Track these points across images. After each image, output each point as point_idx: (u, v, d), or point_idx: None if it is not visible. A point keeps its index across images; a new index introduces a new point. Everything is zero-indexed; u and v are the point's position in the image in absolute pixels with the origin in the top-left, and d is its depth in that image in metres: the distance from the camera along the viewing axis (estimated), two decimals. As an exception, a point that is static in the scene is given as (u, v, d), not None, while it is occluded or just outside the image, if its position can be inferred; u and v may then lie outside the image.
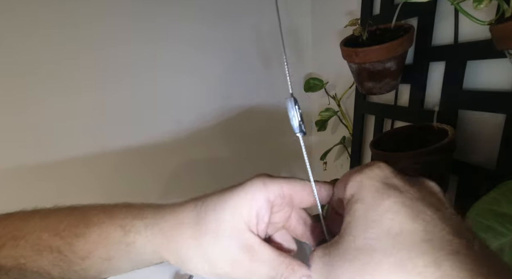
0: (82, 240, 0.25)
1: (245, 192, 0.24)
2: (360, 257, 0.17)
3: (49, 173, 0.70)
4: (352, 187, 0.21)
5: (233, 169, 0.87)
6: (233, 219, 0.23)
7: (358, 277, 0.17)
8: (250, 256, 0.23)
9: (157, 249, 0.25)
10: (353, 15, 0.67)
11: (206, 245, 0.23)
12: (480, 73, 0.44)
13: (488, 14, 0.39)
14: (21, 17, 0.62)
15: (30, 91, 0.65)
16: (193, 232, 0.24)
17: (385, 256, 0.16)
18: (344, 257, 0.18)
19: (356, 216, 0.19)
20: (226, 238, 0.23)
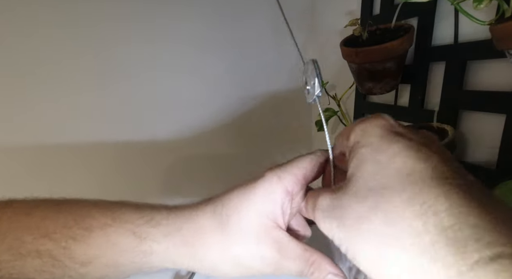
0: (82, 244, 0.23)
1: (265, 189, 0.23)
2: (371, 196, 0.17)
3: (49, 171, 0.70)
4: (356, 134, 0.21)
5: (234, 167, 0.87)
6: (259, 219, 0.23)
7: (370, 215, 0.17)
8: (280, 254, 0.23)
9: (179, 259, 0.23)
10: (353, 15, 0.67)
11: (235, 248, 0.22)
12: (480, 73, 0.44)
13: (488, 14, 0.39)
14: (21, 17, 0.62)
15: (30, 90, 0.65)
16: (219, 237, 0.23)
17: (397, 193, 0.16)
18: (354, 198, 0.18)
19: (363, 159, 0.19)
20: (255, 239, 0.22)
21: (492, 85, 0.43)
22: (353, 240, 0.18)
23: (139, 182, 0.78)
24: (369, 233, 0.17)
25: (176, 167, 0.82)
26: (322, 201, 0.20)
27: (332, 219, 0.19)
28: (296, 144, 0.96)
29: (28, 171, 0.68)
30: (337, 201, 0.19)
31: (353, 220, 0.18)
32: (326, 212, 0.20)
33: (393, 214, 0.16)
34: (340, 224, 0.18)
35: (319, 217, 0.20)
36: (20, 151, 0.67)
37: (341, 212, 0.19)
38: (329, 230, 0.19)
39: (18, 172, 0.68)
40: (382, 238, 0.16)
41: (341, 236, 0.18)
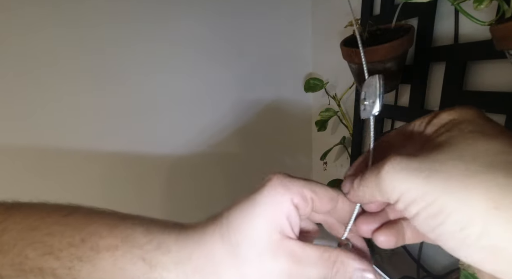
0: (88, 266, 0.21)
1: (269, 199, 0.22)
2: (484, 156, 0.16)
3: (49, 173, 0.70)
4: (452, 113, 0.20)
5: (234, 167, 0.87)
6: (268, 234, 0.21)
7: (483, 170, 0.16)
8: (298, 264, 0.21)
9: None
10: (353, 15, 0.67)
11: (249, 270, 0.21)
12: (481, 73, 0.44)
13: (489, 14, 0.39)
14: (21, 17, 0.62)
15: (30, 91, 0.65)
16: (230, 261, 0.21)
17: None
18: (457, 155, 0.17)
19: (466, 131, 0.18)
20: (268, 256, 0.21)
21: (492, 86, 0.43)
22: (447, 191, 0.16)
23: (140, 182, 0.78)
24: (487, 183, 0.15)
25: (178, 169, 0.82)
26: (397, 160, 0.18)
27: (414, 171, 0.17)
28: (296, 144, 0.96)
29: (28, 173, 0.68)
30: (424, 157, 0.18)
31: (454, 173, 0.16)
32: (408, 166, 0.18)
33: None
34: (429, 176, 0.17)
35: (390, 174, 0.18)
36: (20, 153, 0.67)
37: (433, 166, 0.17)
38: (404, 184, 0.17)
39: (18, 174, 0.68)
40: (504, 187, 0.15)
41: (428, 189, 0.17)
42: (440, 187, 0.16)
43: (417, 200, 0.17)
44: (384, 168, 0.19)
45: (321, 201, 0.23)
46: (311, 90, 0.77)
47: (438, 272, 0.54)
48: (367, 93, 0.23)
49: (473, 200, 0.15)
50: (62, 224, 0.23)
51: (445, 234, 0.17)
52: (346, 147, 0.78)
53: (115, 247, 0.22)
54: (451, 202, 0.16)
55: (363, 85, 0.24)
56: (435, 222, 0.17)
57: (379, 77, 0.23)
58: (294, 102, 0.91)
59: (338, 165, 0.87)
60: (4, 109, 0.64)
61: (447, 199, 0.16)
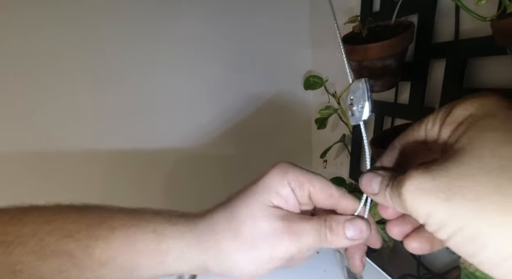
0: (102, 244, 0.23)
1: (269, 179, 0.24)
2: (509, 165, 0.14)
3: (48, 171, 0.70)
4: (468, 108, 0.18)
5: (234, 166, 0.87)
6: (264, 203, 0.23)
7: None
8: (289, 222, 0.22)
9: (193, 257, 0.23)
10: (353, 12, 0.66)
11: (245, 230, 0.22)
12: (481, 70, 0.44)
13: (490, 10, 0.38)
14: (21, 17, 0.62)
15: (30, 91, 0.65)
16: (228, 226, 0.23)
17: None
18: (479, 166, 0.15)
19: (488, 130, 0.16)
20: (263, 217, 0.22)
21: (493, 82, 0.43)
22: (479, 215, 0.14)
23: (140, 182, 0.78)
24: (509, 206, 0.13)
25: (178, 168, 0.82)
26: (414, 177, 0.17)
27: (433, 194, 0.15)
28: (296, 142, 0.95)
29: (28, 173, 0.68)
30: (445, 173, 0.16)
31: (482, 192, 0.14)
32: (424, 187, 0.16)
33: None
34: (449, 199, 0.15)
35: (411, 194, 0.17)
36: (20, 152, 0.67)
37: (454, 184, 0.15)
38: (426, 208, 0.16)
39: (18, 174, 0.68)
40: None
41: (452, 213, 0.15)
42: (468, 211, 0.14)
43: (447, 224, 0.15)
44: (404, 188, 0.17)
45: (317, 192, 0.24)
46: (311, 88, 0.77)
47: (438, 270, 0.54)
48: (354, 98, 0.23)
49: (508, 230, 0.13)
50: (79, 214, 0.25)
51: (487, 263, 0.15)
52: (346, 145, 0.78)
53: (130, 224, 0.24)
54: (486, 229, 0.14)
55: (349, 90, 0.24)
56: (471, 249, 0.15)
57: (365, 80, 0.22)
58: (294, 100, 0.91)
59: (338, 163, 0.87)
60: (4, 109, 0.64)
61: (481, 225, 0.14)
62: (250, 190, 0.24)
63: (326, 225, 0.22)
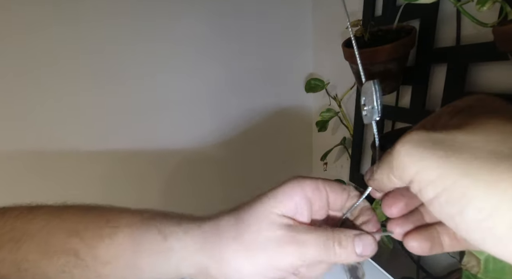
0: (107, 242, 0.23)
1: (282, 191, 0.23)
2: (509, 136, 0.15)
3: (49, 174, 0.70)
4: (467, 100, 0.19)
5: (235, 167, 0.87)
6: (273, 209, 0.23)
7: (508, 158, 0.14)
8: (295, 231, 0.22)
9: (196, 259, 0.23)
10: (355, 16, 0.67)
11: (247, 234, 0.22)
12: (482, 75, 0.44)
13: (491, 16, 0.39)
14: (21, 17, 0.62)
15: (30, 90, 0.65)
16: (232, 230, 0.23)
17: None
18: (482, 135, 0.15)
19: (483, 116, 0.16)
20: (268, 224, 0.22)
21: (494, 87, 0.43)
22: (469, 175, 0.14)
23: (140, 182, 0.78)
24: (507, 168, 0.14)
25: (178, 169, 0.82)
26: (415, 135, 0.17)
27: (430, 150, 0.15)
28: (296, 145, 0.95)
29: (28, 172, 0.68)
30: (443, 135, 0.16)
31: (479, 155, 0.14)
32: (422, 144, 0.16)
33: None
34: (448, 156, 0.15)
35: (408, 148, 0.16)
36: (20, 152, 0.67)
37: (454, 146, 0.15)
38: (421, 162, 0.16)
39: (18, 173, 0.68)
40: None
41: (446, 171, 0.15)
42: (462, 169, 0.14)
43: (434, 182, 0.15)
44: (400, 142, 0.17)
45: (334, 191, 0.24)
46: (312, 91, 0.77)
47: (438, 273, 0.54)
48: (366, 99, 0.23)
49: (500, 186, 0.13)
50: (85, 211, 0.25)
51: (467, 223, 0.15)
52: (347, 148, 0.78)
53: (135, 223, 0.24)
54: (473, 187, 0.14)
55: (361, 91, 0.24)
56: (454, 209, 0.15)
57: (374, 82, 0.22)
58: (295, 103, 0.91)
59: (338, 166, 0.87)
60: (4, 109, 0.64)
61: (469, 183, 0.14)
62: (260, 198, 0.24)
63: (335, 238, 0.22)
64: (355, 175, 0.74)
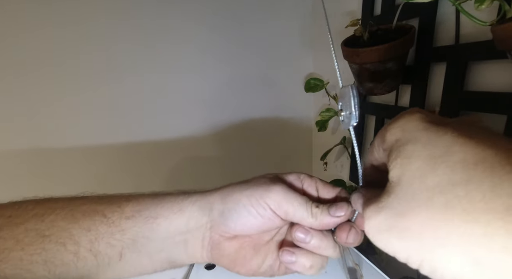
0: (134, 203, 0.27)
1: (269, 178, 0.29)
2: (437, 195, 0.15)
3: (50, 171, 0.70)
4: (394, 132, 0.19)
5: (235, 167, 0.87)
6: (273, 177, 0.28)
7: (445, 216, 0.15)
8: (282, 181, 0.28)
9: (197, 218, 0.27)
10: (354, 15, 0.67)
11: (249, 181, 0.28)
12: (482, 74, 0.44)
13: (490, 14, 0.39)
14: (21, 16, 0.62)
15: (31, 90, 0.65)
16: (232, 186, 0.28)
17: (473, 187, 0.14)
18: (413, 202, 0.16)
19: (412, 156, 0.17)
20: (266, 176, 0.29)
21: (493, 86, 0.43)
22: (428, 248, 0.15)
23: (141, 182, 0.78)
24: (449, 235, 0.14)
25: (178, 168, 0.82)
26: (371, 218, 0.18)
27: (389, 233, 0.17)
28: (296, 144, 0.95)
29: (28, 171, 0.68)
30: (391, 211, 0.17)
31: (420, 226, 0.15)
32: (379, 228, 0.18)
33: (476, 209, 0.14)
34: (401, 237, 0.16)
35: (374, 237, 0.18)
36: (20, 152, 0.67)
37: (400, 222, 0.16)
38: (390, 247, 0.17)
39: (19, 173, 0.68)
40: (469, 238, 0.14)
41: (408, 250, 0.16)
42: (418, 245, 0.16)
43: (410, 258, 0.16)
44: (366, 231, 0.19)
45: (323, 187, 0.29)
46: (312, 90, 0.77)
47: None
48: (343, 104, 0.23)
49: (453, 258, 0.14)
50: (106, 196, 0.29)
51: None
52: (347, 147, 0.78)
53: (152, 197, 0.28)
54: (437, 262, 0.15)
55: (339, 95, 0.24)
56: (437, 276, 0.16)
57: (352, 87, 0.22)
58: (295, 102, 0.91)
59: (338, 165, 0.87)
60: (4, 107, 0.64)
61: (432, 259, 0.15)
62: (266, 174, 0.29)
63: (313, 203, 0.26)
64: (355, 175, 0.74)
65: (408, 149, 0.17)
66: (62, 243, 0.24)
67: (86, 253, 0.25)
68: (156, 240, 0.27)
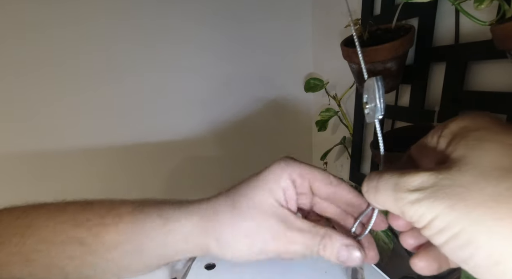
0: (112, 229, 0.25)
1: (271, 172, 0.25)
2: (507, 175, 0.15)
3: (50, 173, 0.70)
4: (461, 121, 0.19)
5: (235, 167, 0.87)
6: (264, 197, 0.24)
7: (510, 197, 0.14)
8: (287, 226, 0.23)
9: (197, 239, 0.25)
10: (354, 15, 0.67)
11: (244, 222, 0.24)
12: (481, 73, 0.44)
13: (489, 14, 0.39)
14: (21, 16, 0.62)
15: (31, 90, 0.65)
16: (230, 215, 0.24)
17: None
18: (480, 177, 0.15)
19: (483, 139, 0.17)
20: (262, 214, 0.24)
21: (493, 86, 0.43)
22: (475, 222, 0.15)
23: (140, 182, 0.78)
24: (506, 212, 0.14)
25: (180, 168, 0.82)
26: (414, 180, 0.17)
27: (438, 199, 0.16)
28: (296, 144, 0.96)
29: (28, 173, 0.68)
30: (447, 180, 0.16)
31: (480, 200, 0.15)
32: (424, 193, 0.17)
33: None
34: (454, 204, 0.15)
35: (410, 199, 0.17)
36: (20, 152, 0.67)
37: (457, 192, 0.16)
38: (431, 212, 0.16)
39: (18, 175, 0.68)
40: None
41: (453, 218, 0.15)
42: (466, 216, 0.15)
43: (444, 230, 0.16)
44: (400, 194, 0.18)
45: (317, 181, 0.25)
46: (312, 90, 0.77)
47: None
48: (368, 96, 0.23)
49: (504, 232, 0.14)
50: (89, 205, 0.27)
51: (479, 267, 0.15)
52: (347, 147, 0.78)
53: (136, 210, 0.26)
54: (479, 234, 0.15)
55: (364, 88, 0.23)
56: (465, 254, 0.15)
57: (377, 79, 0.21)
58: (295, 102, 0.91)
59: (338, 165, 0.87)
60: (4, 108, 0.64)
61: (475, 230, 0.15)
62: (252, 181, 0.25)
63: (321, 243, 0.23)
64: (355, 174, 0.74)
65: (478, 134, 0.17)
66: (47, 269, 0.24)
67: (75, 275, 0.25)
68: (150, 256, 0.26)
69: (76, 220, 0.25)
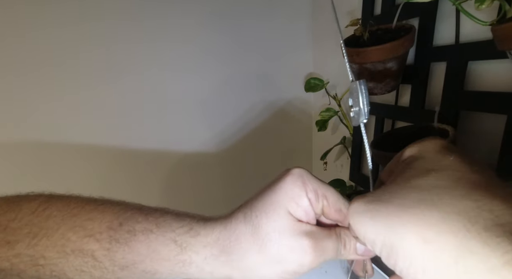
0: (124, 247, 0.23)
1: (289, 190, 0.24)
2: (416, 191, 0.18)
3: (49, 170, 0.70)
4: (411, 150, 0.22)
5: (235, 167, 0.87)
6: (288, 217, 0.23)
7: (417, 204, 0.17)
8: (316, 240, 0.23)
9: (218, 269, 0.24)
10: (354, 15, 0.67)
11: (271, 248, 0.23)
12: (482, 73, 0.44)
13: (490, 14, 0.39)
14: (21, 16, 0.62)
15: (31, 89, 0.65)
16: (252, 241, 0.23)
17: (450, 190, 0.17)
18: (395, 193, 0.18)
19: (413, 167, 0.20)
20: (289, 234, 0.23)
21: (493, 86, 0.43)
22: (395, 229, 0.17)
23: (140, 182, 0.78)
24: (415, 218, 0.16)
25: (178, 168, 0.82)
26: (357, 202, 0.20)
27: (365, 213, 0.19)
28: (296, 144, 0.96)
29: (28, 172, 0.68)
30: (375, 197, 0.19)
31: (394, 210, 0.17)
32: (358, 211, 0.19)
33: (448, 204, 0.16)
34: (374, 216, 0.18)
35: (354, 218, 0.20)
36: (20, 152, 0.67)
37: (377, 205, 0.18)
38: (362, 225, 0.19)
39: (18, 174, 0.68)
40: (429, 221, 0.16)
41: (377, 229, 0.18)
42: (385, 227, 0.17)
43: (375, 241, 0.18)
44: (349, 216, 0.20)
45: (329, 207, 0.25)
46: (312, 90, 0.77)
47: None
48: (353, 100, 0.23)
49: (407, 235, 0.16)
50: (100, 211, 0.25)
51: (406, 274, 0.16)
52: (347, 147, 0.78)
53: (150, 230, 0.24)
54: (395, 240, 0.17)
55: (349, 91, 0.23)
56: (392, 262, 0.17)
57: (360, 83, 0.21)
58: (295, 102, 0.91)
59: (338, 165, 0.87)
60: (4, 107, 0.64)
61: (392, 236, 0.17)
62: (269, 198, 0.24)
63: (341, 241, 0.24)
64: (355, 175, 0.74)
65: (414, 163, 0.20)
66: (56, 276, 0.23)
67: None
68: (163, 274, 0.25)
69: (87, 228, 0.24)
